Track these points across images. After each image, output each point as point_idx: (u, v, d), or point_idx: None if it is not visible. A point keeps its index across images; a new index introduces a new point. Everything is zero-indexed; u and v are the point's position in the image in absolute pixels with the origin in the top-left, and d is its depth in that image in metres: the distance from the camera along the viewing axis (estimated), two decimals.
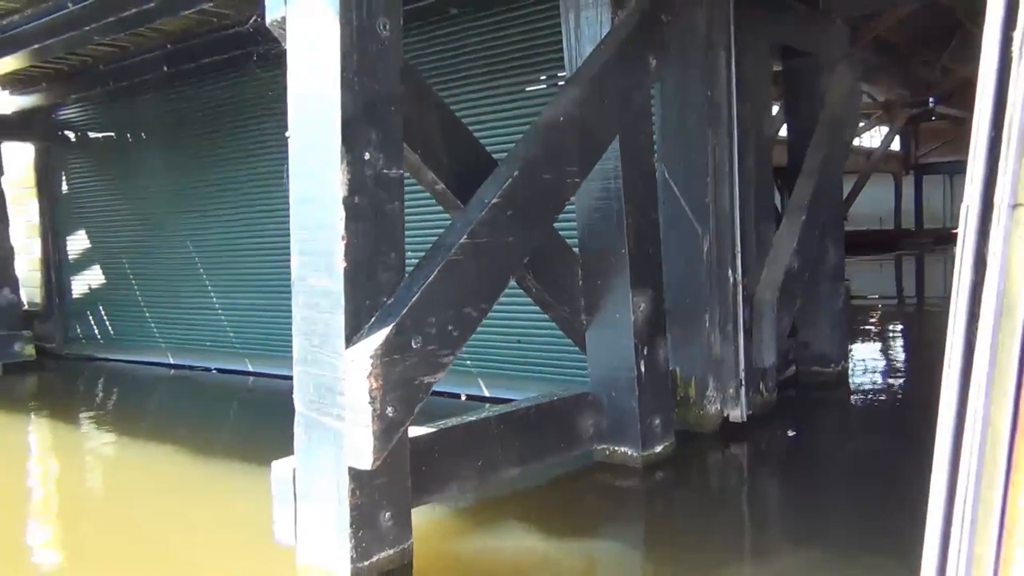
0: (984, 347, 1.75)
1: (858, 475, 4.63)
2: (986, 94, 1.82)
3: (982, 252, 1.79)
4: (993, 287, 1.75)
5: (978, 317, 1.79)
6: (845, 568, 3.31)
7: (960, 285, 1.83)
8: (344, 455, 3.16)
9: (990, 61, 1.81)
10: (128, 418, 7.06)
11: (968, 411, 1.78)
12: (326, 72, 3.16)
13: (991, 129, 1.81)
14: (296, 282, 3.36)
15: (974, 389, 1.77)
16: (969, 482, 1.75)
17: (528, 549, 3.75)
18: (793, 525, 4.06)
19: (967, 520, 1.74)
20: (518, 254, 3.74)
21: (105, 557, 3.85)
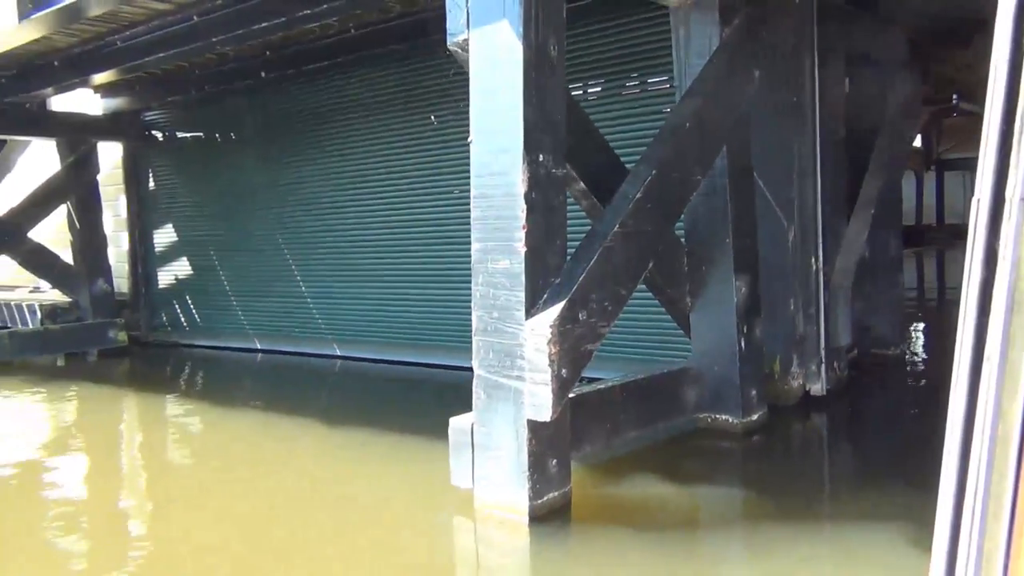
0: (995, 342, 1.74)
1: (922, 440, 5.21)
2: (998, 89, 1.81)
3: (993, 247, 1.78)
4: (1004, 282, 1.72)
5: (989, 312, 1.77)
6: (905, 510, 3.85)
7: (971, 280, 1.82)
8: (523, 410, 3.76)
9: (1002, 56, 1.81)
10: (246, 397, 7.68)
11: (978, 406, 1.76)
12: (510, 87, 3.76)
13: (1002, 123, 1.80)
14: (476, 264, 3.95)
15: (984, 384, 1.75)
16: (980, 476, 1.73)
17: (654, 495, 4.37)
18: (868, 478, 4.63)
19: (977, 514, 1.73)
20: (656, 241, 4.34)
21: (304, 507, 4.47)
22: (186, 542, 3.99)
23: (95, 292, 10.04)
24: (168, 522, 4.35)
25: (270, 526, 4.15)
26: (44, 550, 4.02)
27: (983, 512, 1.72)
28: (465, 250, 7.58)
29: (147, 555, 3.89)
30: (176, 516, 4.42)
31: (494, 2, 3.78)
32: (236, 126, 9.71)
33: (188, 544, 3.96)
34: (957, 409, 1.81)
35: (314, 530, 4.07)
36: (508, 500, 3.84)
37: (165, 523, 4.36)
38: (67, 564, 3.87)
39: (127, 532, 4.27)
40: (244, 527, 4.15)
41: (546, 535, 3.77)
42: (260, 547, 3.87)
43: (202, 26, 7.01)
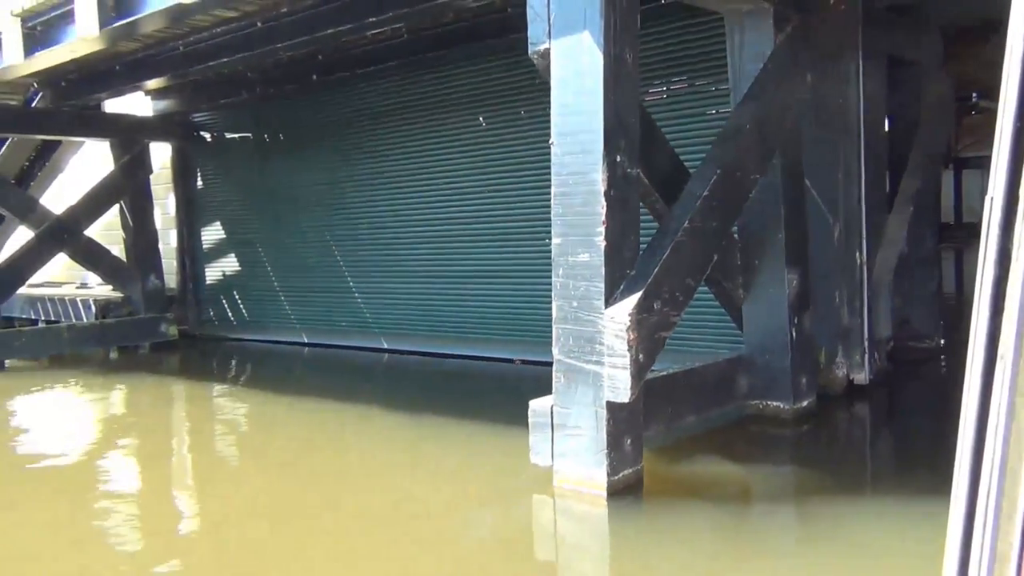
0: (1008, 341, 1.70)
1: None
2: (1011, 86, 1.78)
3: (1006, 246, 1.75)
4: (1018, 281, 1.70)
5: (1002, 311, 1.73)
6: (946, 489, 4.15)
7: (984, 278, 1.78)
8: (602, 392, 4.07)
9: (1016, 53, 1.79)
10: (303, 387, 8.01)
11: (991, 405, 1.73)
12: (591, 92, 4.06)
13: (1016, 121, 1.78)
14: (556, 258, 4.24)
15: (998, 383, 1.72)
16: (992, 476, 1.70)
17: (716, 473, 4.69)
18: (911, 461, 4.91)
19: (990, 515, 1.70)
20: (720, 237, 4.64)
21: (387, 486, 4.80)
22: (282, 511, 4.31)
23: (147, 288, 10.40)
24: (262, 492, 4.68)
25: (358, 503, 4.47)
26: (126, 511, 4.36)
27: (996, 512, 1.68)
28: (509, 246, 7.97)
29: (262, 517, 4.22)
30: (264, 490, 4.75)
31: (576, 15, 4.08)
32: (285, 127, 10.06)
33: (285, 512, 4.28)
34: (970, 408, 1.79)
35: (402, 506, 4.39)
36: (587, 476, 4.14)
37: (267, 490, 4.69)
38: (150, 528, 4.21)
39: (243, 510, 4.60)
40: (331, 505, 4.47)
41: (622, 508, 4.07)
42: (351, 522, 4.19)
43: (265, 32, 7.34)
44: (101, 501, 4.83)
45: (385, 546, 3.83)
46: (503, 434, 5.52)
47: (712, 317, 6.44)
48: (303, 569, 3.57)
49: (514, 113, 7.93)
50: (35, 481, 5.24)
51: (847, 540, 3.59)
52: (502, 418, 5.85)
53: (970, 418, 1.78)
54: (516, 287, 8.12)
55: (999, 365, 1.71)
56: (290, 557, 3.70)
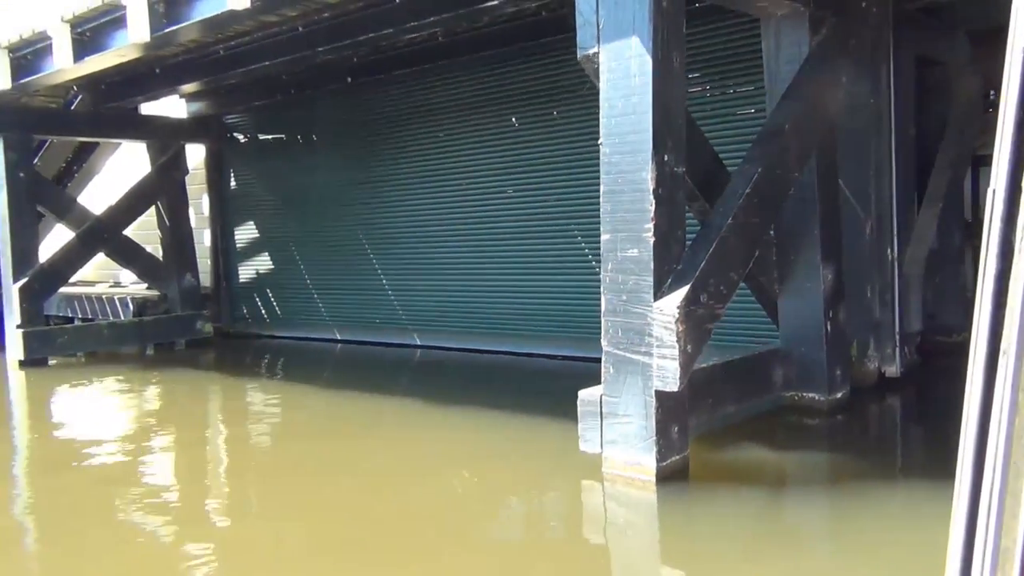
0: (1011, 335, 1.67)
1: None
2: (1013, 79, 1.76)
3: (1009, 238, 1.71)
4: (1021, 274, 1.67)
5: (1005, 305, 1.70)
6: None
7: (986, 272, 1.75)
8: (651, 382, 4.24)
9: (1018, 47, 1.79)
10: (340, 380, 8.24)
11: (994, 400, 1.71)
12: (640, 94, 4.24)
13: (1018, 112, 1.75)
14: (605, 253, 4.42)
15: (1000, 378, 1.70)
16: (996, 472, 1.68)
17: (756, 459, 4.88)
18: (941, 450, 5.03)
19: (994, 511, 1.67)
20: (762, 233, 4.82)
21: (436, 473, 4.99)
22: (338, 501, 4.52)
23: (183, 286, 10.65)
24: (317, 482, 4.88)
25: (409, 489, 4.66)
26: (171, 497, 4.57)
27: (999, 509, 1.65)
28: (540, 243, 8.15)
29: (313, 504, 4.42)
30: (319, 479, 4.95)
31: (625, 21, 4.26)
32: (317, 127, 10.28)
33: (340, 503, 4.48)
34: (973, 404, 1.76)
35: (453, 491, 4.59)
36: (636, 462, 4.32)
37: (320, 482, 4.89)
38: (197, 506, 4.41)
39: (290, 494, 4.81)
40: (382, 491, 4.67)
41: (671, 492, 4.24)
42: (406, 509, 4.38)
43: (305, 36, 7.56)
44: (153, 484, 5.05)
45: (441, 527, 4.03)
46: (546, 424, 5.73)
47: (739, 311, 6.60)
48: (369, 536, 3.77)
49: (546, 114, 8.12)
50: (110, 462, 5.48)
51: (879, 523, 3.75)
52: (541, 410, 6.06)
53: (972, 414, 1.75)
54: (547, 284, 8.31)
55: (1001, 360, 1.67)
56: (363, 530, 3.90)
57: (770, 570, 3.40)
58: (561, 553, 3.74)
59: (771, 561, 3.49)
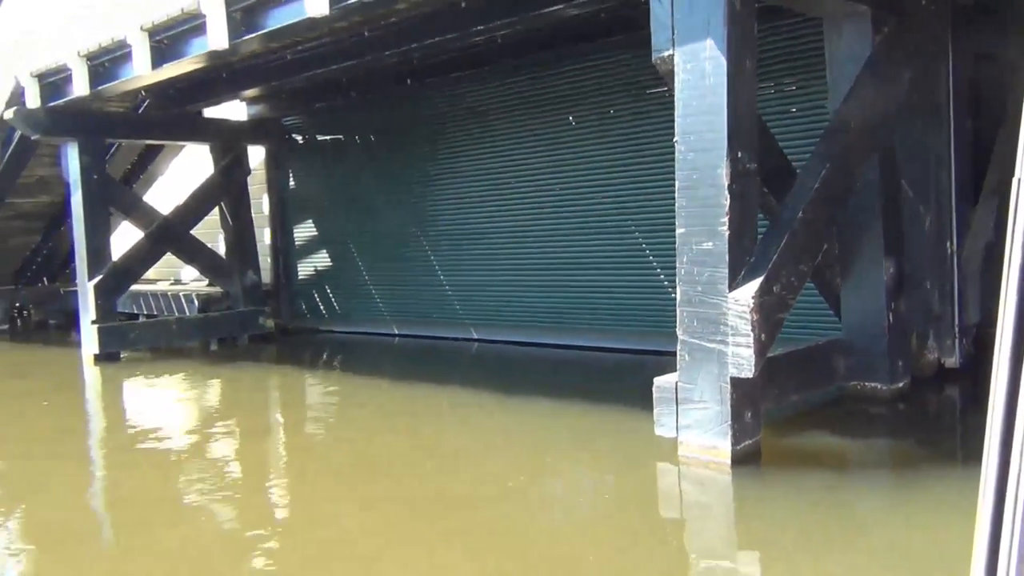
0: None
1: None
2: None
3: None
4: None
5: None
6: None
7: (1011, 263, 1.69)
8: (726, 369, 4.45)
9: None
10: (404, 372, 8.50)
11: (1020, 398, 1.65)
12: (714, 95, 4.44)
13: None
14: (681, 246, 4.63)
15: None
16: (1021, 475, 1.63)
17: (824, 445, 5.07)
18: None
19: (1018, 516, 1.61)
20: (829, 227, 5.00)
21: (516, 457, 5.24)
22: (418, 480, 4.78)
23: (245, 283, 11.02)
24: (395, 465, 5.15)
25: (486, 471, 4.92)
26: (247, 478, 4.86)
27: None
28: (596, 239, 8.36)
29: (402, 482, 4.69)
30: (395, 462, 5.22)
31: (700, 24, 4.47)
32: (376, 128, 10.59)
33: (420, 483, 4.75)
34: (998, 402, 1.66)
35: (533, 474, 4.83)
36: (711, 445, 4.53)
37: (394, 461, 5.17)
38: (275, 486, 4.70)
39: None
40: (459, 473, 4.93)
41: (745, 475, 4.44)
42: (486, 489, 4.63)
43: (373, 40, 7.84)
44: (232, 464, 5.37)
45: (525, 507, 4.27)
46: (611, 412, 5.97)
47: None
48: (449, 512, 4.03)
49: (603, 112, 8.33)
50: (209, 445, 5.81)
51: (939, 506, 3.93)
52: (605, 399, 6.31)
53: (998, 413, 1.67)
54: (604, 278, 8.52)
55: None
56: (447, 507, 4.16)
57: (841, 547, 3.60)
58: (643, 530, 3.97)
59: (841, 539, 3.70)
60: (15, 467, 5.62)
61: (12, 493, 4.99)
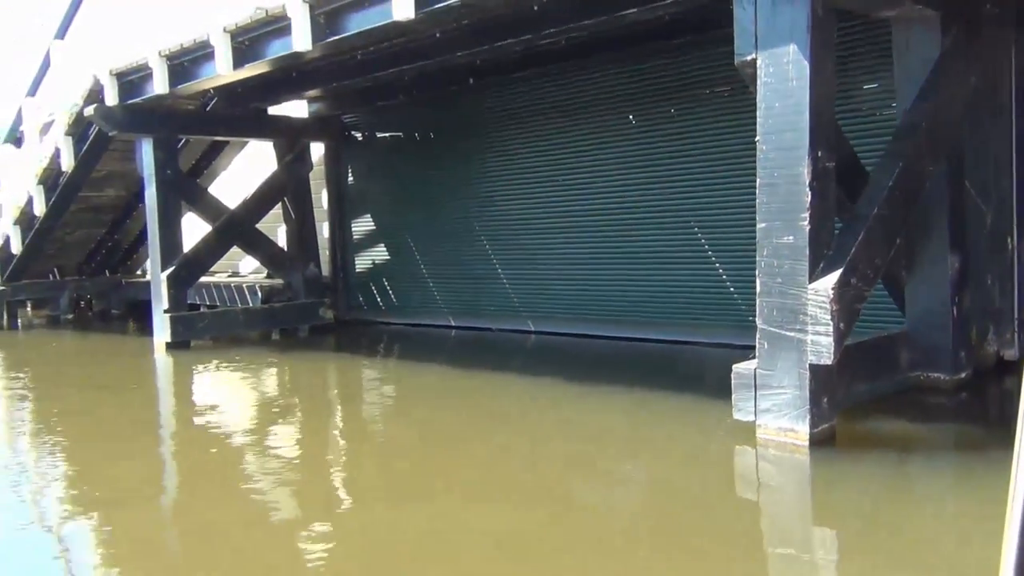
0: None
1: None
2: None
3: None
4: None
5: None
6: None
7: None
8: (805, 356, 4.71)
9: None
10: (468, 361, 8.82)
11: None
12: (796, 96, 4.70)
13: None
14: (761, 240, 4.89)
15: None
16: None
17: (891, 429, 5.31)
18: None
19: None
20: (902, 224, 5.23)
21: (600, 442, 5.54)
22: (494, 462, 5.09)
23: (307, 275, 11.41)
24: (474, 444, 5.47)
25: (566, 452, 5.22)
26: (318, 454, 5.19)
27: None
28: (651, 233, 8.62)
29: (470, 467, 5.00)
30: (475, 442, 5.54)
31: (783, 30, 4.72)
32: (435, 126, 10.92)
33: (496, 464, 5.06)
34: None
35: (610, 458, 5.12)
36: (790, 428, 4.79)
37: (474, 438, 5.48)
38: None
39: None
40: (537, 452, 5.23)
41: (822, 457, 4.70)
42: (568, 467, 4.93)
43: (445, 42, 8.14)
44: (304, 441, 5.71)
45: (609, 489, 4.56)
46: (681, 400, 6.24)
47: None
48: (536, 488, 4.33)
49: (664, 112, 8.59)
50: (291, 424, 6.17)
51: (1002, 487, 4.14)
52: (671, 388, 6.59)
53: None
54: (662, 272, 8.78)
55: None
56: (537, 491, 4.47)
57: (913, 518, 3.89)
58: (733, 502, 4.25)
59: (915, 511, 4.00)
60: (122, 448, 6.01)
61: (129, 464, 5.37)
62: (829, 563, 3.50)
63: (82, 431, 6.44)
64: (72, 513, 4.46)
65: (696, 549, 3.57)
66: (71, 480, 5.11)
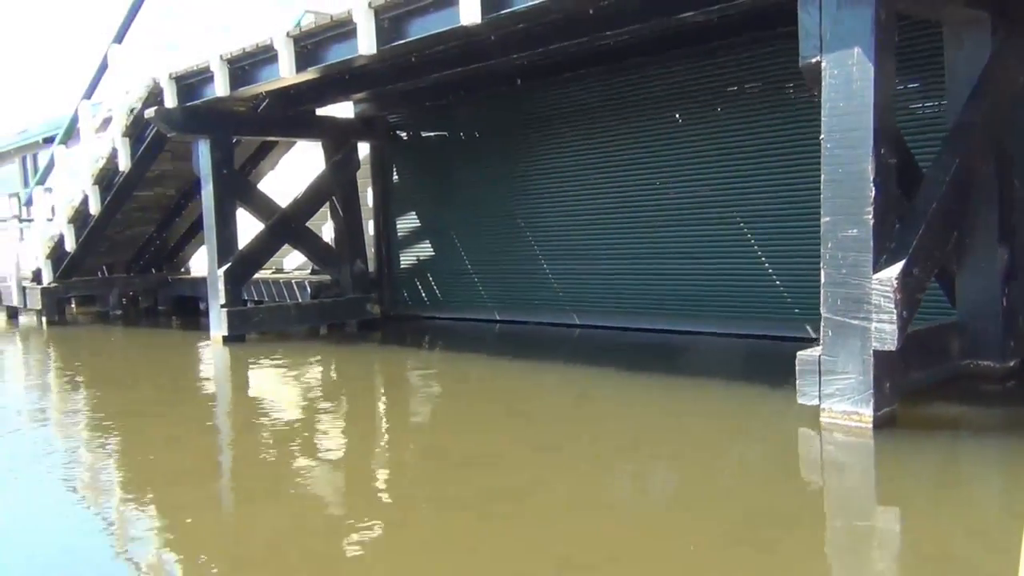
0: None
1: None
2: None
3: None
4: None
5: None
6: None
7: None
8: (869, 343, 4.97)
9: None
10: (518, 353, 9.12)
11: None
12: (860, 96, 4.96)
13: None
14: (826, 233, 5.16)
15: None
16: None
17: (947, 413, 5.58)
18: None
19: None
20: (959, 218, 5.48)
21: (663, 426, 5.83)
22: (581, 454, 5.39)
23: (355, 271, 11.74)
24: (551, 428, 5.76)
25: (643, 437, 5.51)
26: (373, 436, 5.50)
27: None
28: (694, 230, 8.89)
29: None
30: (542, 427, 5.83)
31: (847, 34, 4.99)
32: (480, 126, 11.23)
33: (564, 446, 5.36)
34: None
35: (678, 441, 5.41)
36: (854, 411, 5.06)
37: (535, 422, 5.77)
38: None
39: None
40: (622, 443, 5.52)
41: (884, 438, 4.96)
42: (647, 450, 5.22)
43: (497, 44, 8.42)
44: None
45: (681, 470, 4.85)
46: (738, 388, 6.52)
47: None
48: (619, 468, 4.63)
49: (710, 110, 8.86)
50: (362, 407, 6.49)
51: None
52: (726, 377, 6.87)
53: None
54: (708, 266, 9.05)
55: None
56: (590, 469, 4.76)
57: (978, 497, 4.18)
58: (807, 478, 4.53)
59: (977, 491, 4.28)
60: (202, 434, 6.34)
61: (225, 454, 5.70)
62: (908, 532, 3.78)
63: (194, 411, 6.81)
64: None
65: (788, 516, 3.86)
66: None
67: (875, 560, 3.47)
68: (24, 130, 23.26)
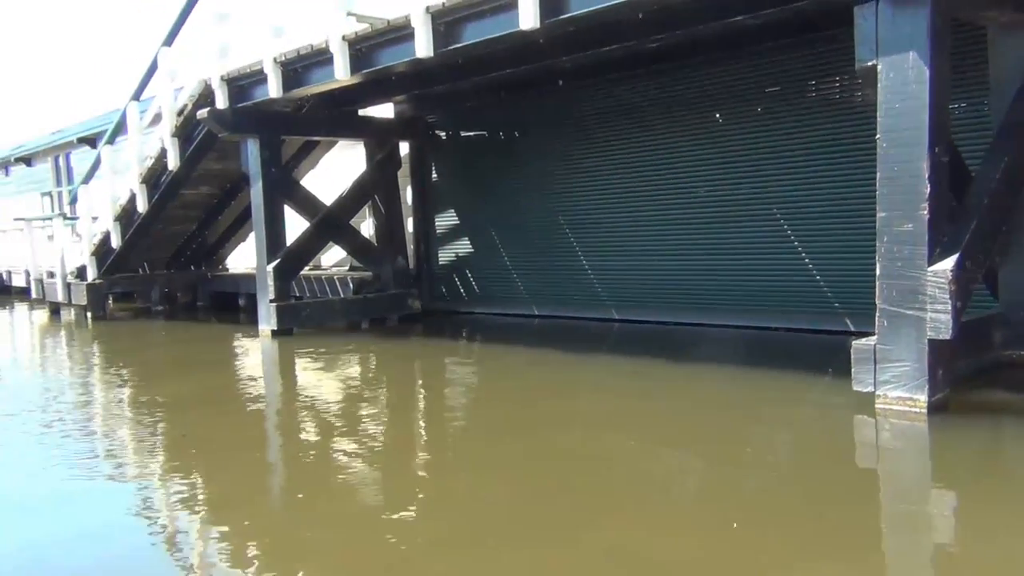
0: None
1: None
2: None
3: None
4: None
5: None
6: None
7: None
8: (923, 332, 5.23)
9: None
10: (563, 346, 9.40)
11: None
12: (916, 98, 5.22)
13: None
14: (882, 228, 5.41)
15: None
16: None
17: (997, 399, 5.83)
18: None
19: None
20: (1008, 212, 5.73)
21: (719, 415, 6.11)
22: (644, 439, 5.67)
23: (396, 267, 12.05)
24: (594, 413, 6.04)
25: (699, 423, 5.79)
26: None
27: None
28: (732, 226, 9.14)
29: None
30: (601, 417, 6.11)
31: (903, 38, 5.24)
32: (520, 126, 11.51)
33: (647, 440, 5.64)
34: None
35: (736, 428, 5.69)
36: (909, 398, 5.32)
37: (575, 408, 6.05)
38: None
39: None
40: (681, 430, 5.80)
41: (939, 424, 5.22)
42: (705, 437, 5.50)
43: (546, 47, 8.69)
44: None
45: (739, 456, 5.13)
46: (786, 379, 6.80)
47: None
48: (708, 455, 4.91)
49: (751, 111, 9.11)
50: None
51: None
52: (773, 367, 7.13)
53: None
54: (746, 260, 9.31)
55: None
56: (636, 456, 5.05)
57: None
58: (868, 461, 4.80)
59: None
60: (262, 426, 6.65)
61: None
62: (968, 512, 4.05)
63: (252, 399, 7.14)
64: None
65: (853, 495, 4.13)
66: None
67: (939, 534, 3.75)
68: (59, 130, 23.68)
